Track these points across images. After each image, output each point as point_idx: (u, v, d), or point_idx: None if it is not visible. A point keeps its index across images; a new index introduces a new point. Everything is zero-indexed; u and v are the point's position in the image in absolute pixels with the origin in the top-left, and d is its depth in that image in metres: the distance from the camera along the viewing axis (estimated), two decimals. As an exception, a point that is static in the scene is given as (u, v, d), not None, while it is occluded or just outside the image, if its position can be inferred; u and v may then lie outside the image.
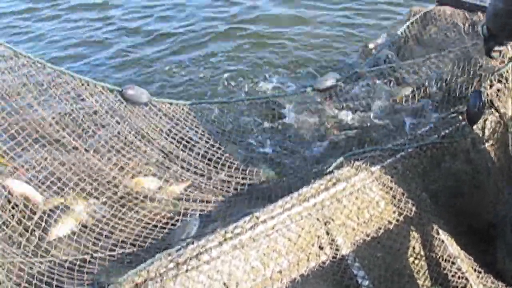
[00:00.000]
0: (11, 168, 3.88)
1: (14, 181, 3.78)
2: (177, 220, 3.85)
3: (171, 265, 2.96)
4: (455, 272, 3.51)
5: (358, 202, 3.48)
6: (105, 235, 3.64)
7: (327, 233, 3.37)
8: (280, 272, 3.25)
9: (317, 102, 5.05)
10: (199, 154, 4.47)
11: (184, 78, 7.01)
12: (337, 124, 4.84)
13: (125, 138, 4.36)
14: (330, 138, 4.72)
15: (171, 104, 4.80)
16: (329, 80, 4.95)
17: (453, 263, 3.53)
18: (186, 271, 2.94)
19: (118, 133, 4.37)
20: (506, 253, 3.57)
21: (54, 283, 3.15)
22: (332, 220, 3.38)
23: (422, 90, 4.75)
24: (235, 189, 4.18)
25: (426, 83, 4.76)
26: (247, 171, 4.33)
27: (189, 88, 6.72)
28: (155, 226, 3.80)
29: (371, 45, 6.28)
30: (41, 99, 4.07)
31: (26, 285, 3.06)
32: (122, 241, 3.63)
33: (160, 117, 4.69)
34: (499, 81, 4.02)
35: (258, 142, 4.81)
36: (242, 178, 4.29)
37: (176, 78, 7.04)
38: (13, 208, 3.54)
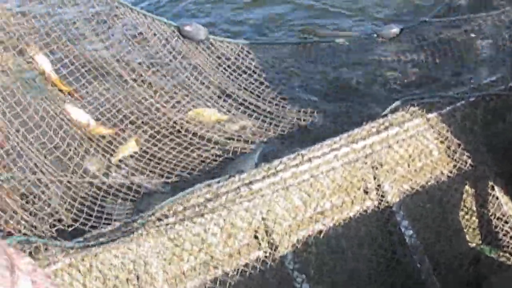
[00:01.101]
0: (70, 93, 3.99)
1: (71, 107, 3.87)
2: (227, 158, 3.84)
3: (210, 196, 2.94)
4: (507, 232, 3.36)
5: (410, 149, 3.34)
6: (151, 165, 3.68)
7: (374, 178, 3.26)
8: (321, 213, 3.18)
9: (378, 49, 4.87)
10: (253, 93, 4.40)
11: (244, 17, 6.72)
12: (397, 71, 4.63)
13: (181, 74, 4.36)
14: (389, 83, 4.54)
15: (229, 43, 4.72)
16: (395, 29, 4.80)
17: (506, 222, 3.37)
18: (225, 203, 2.92)
19: (174, 69, 4.36)
20: None
21: (98, 203, 3.23)
22: (381, 165, 3.26)
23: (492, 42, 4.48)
24: (290, 131, 4.11)
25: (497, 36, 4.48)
26: (301, 112, 4.24)
27: (247, 28, 6.42)
28: (203, 161, 3.81)
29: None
30: (98, 30, 4.08)
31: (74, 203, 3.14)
32: (169, 172, 3.66)
33: (218, 56, 4.64)
34: None
35: (315, 84, 4.67)
36: (297, 119, 4.21)
37: (236, 17, 6.74)
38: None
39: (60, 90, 3.94)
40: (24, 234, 2.58)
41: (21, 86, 3.56)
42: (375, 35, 4.97)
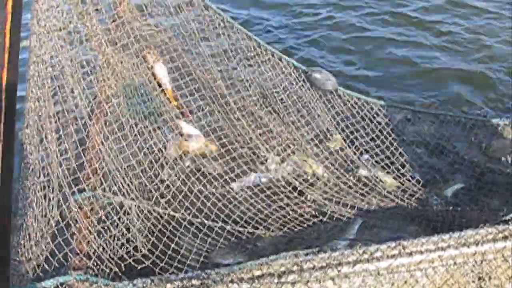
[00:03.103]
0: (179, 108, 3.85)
1: (183, 123, 3.77)
2: (320, 221, 3.56)
3: (294, 268, 2.66)
4: None
5: (527, 266, 2.91)
6: (240, 210, 3.45)
7: None
8: None
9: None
10: (370, 159, 4.12)
11: (382, 75, 6.18)
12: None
13: (294, 122, 4.16)
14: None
15: (358, 99, 4.41)
16: None
17: None
18: (308, 280, 2.63)
19: (288, 113, 4.14)
20: None
21: (175, 240, 3.06)
22: (489, 278, 2.87)
23: None
24: (396, 209, 3.79)
25: None
26: (416, 191, 3.93)
27: (382, 86, 5.89)
28: (296, 218, 3.55)
29: None
30: (218, 58, 3.94)
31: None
32: (258, 221, 3.42)
33: (341, 110, 4.35)
34: None
35: (448, 162, 4.29)
36: (408, 197, 3.89)
37: (374, 72, 6.21)
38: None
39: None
40: (88, 268, 2.39)
41: (127, 98, 3.41)
42: None
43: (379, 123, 4.30)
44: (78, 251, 2.44)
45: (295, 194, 3.72)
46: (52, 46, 2.65)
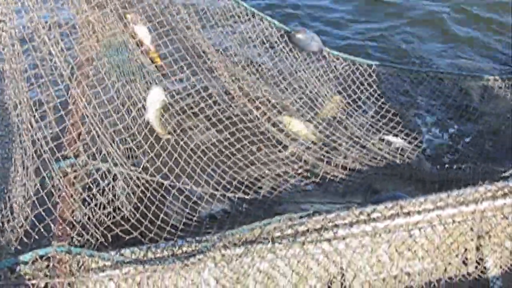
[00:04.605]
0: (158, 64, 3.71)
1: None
2: (313, 181, 3.49)
3: (289, 231, 2.57)
4: None
5: (528, 223, 2.84)
6: (229, 176, 3.34)
7: (477, 249, 2.81)
8: (408, 274, 2.77)
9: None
10: (356, 120, 4.04)
11: (369, 34, 5.92)
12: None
13: (279, 82, 4.06)
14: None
15: (344, 59, 4.31)
16: None
17: None
18: (303, 243, 2.54)
19: (272, 76, 4.06)
20: None
21: (164, 209, 2.94)
22: (489, 236, 2.80)
23: None
24: (386, 162, 3.72)
25: None
26: (407, 152, 3.86)
27: (368, 46, 5.65)
28: (287, 180, 3.47)
29: None
30: (197, 17, 3.80)
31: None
32: (248, 185, 3.32)
33: (327, 70, 4.26)
34: None
35: (437, 121, 4.21)
36: (402, 158, 3.81)
37: (361, 35, 5.93)
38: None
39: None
40: (72, 239, 2.29)
41: (110, 59, 3.24)
42: None
43: (367, 82, 4.24)
44: (61, 221, 2.33)
45: (285, 153, 3.63)
46: (21, 3, 2.48)
